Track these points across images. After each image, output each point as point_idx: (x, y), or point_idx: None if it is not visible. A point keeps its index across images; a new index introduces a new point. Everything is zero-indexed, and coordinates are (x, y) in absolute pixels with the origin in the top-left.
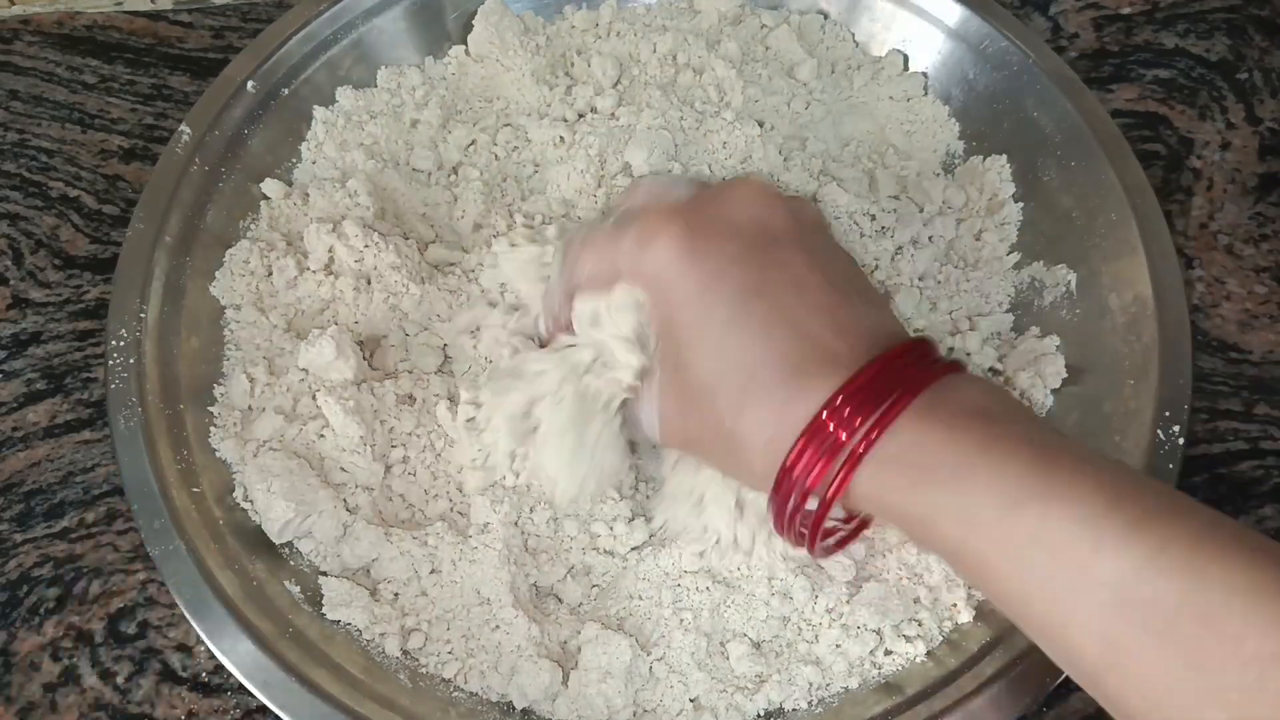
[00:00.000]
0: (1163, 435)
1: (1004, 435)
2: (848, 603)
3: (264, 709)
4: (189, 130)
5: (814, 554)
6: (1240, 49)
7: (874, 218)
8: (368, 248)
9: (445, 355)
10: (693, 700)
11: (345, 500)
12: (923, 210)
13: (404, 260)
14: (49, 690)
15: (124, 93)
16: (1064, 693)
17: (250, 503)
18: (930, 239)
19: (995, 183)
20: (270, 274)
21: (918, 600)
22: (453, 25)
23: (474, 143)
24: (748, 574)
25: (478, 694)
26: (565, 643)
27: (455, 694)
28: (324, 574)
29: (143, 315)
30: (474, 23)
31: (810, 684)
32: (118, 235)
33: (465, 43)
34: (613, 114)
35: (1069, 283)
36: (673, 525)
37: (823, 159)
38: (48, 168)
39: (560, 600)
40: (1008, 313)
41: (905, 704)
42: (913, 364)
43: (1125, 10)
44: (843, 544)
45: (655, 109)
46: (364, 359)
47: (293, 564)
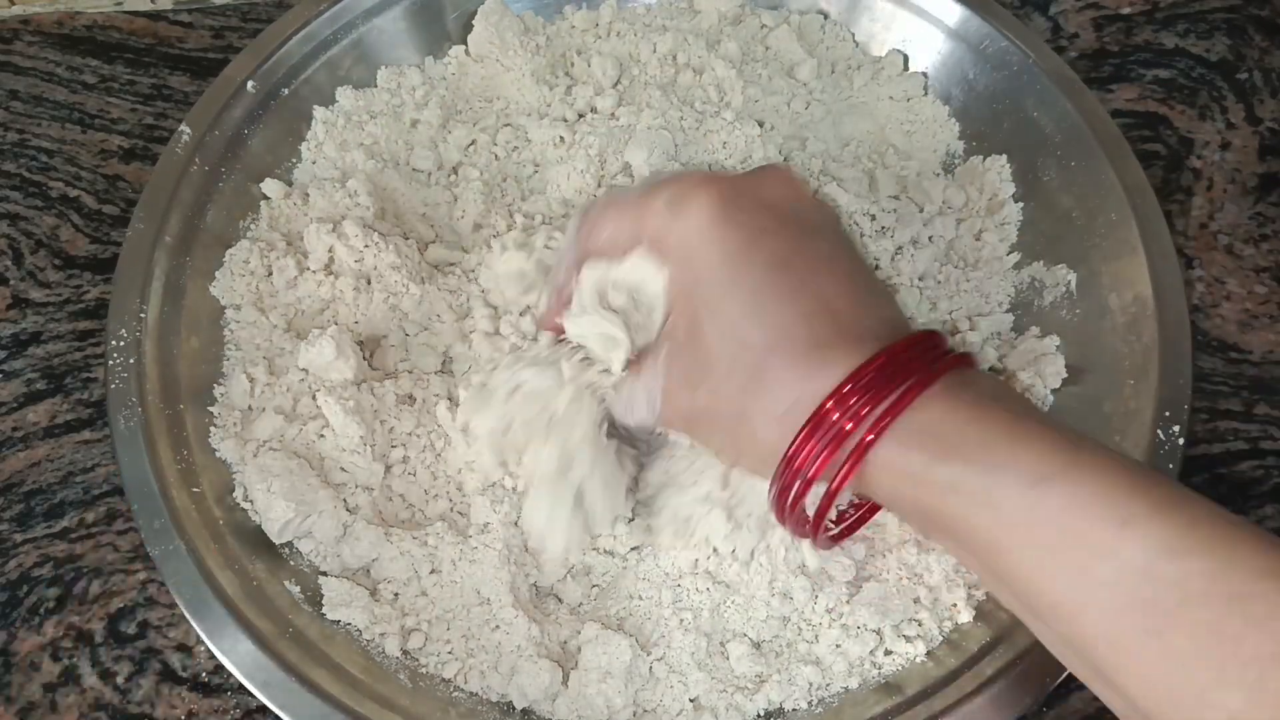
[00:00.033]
0: (1163, 435)
1: (1026, 417)
2: (848, 603)
3: (264, 709)
4: (189, 130)
5: (816, 543)
6: (1240, 49)
7: (874, 218)
8: (368, 248)
9: (445, 355)
10: (693, 700)
11: (345, 500)
12: (923, 210)
13: (404, 260)
14: (49, 690)
15: (124, 93)
16: (1064, 693)
17: (250, 503)
18: (930, 239)
19: (995, 183)
20: (270, 274)
21: (918, 600)
22: (453, 25)
23: (474, 143)
24: (748, 577)
25: (478, 694)
26: (565, 643)
27: (455, 694)
28: (324, 574)
29: (143, 315)
30: (474, 23)
31: (810, 684)
32: (118, 235)
33: (465, 43)
34: (613, 114)
35: (1069, 283)
36: (663, 541)
37: (823, 159)
38: (48, 168)
39: (560, 600)
40: (1008, 313)
41: (905, 704)
42: (926, 353)
43: (1125, 10)
44: (847, 533)
45: (655, 109)
46: (364, 359)
47: (293, 564)
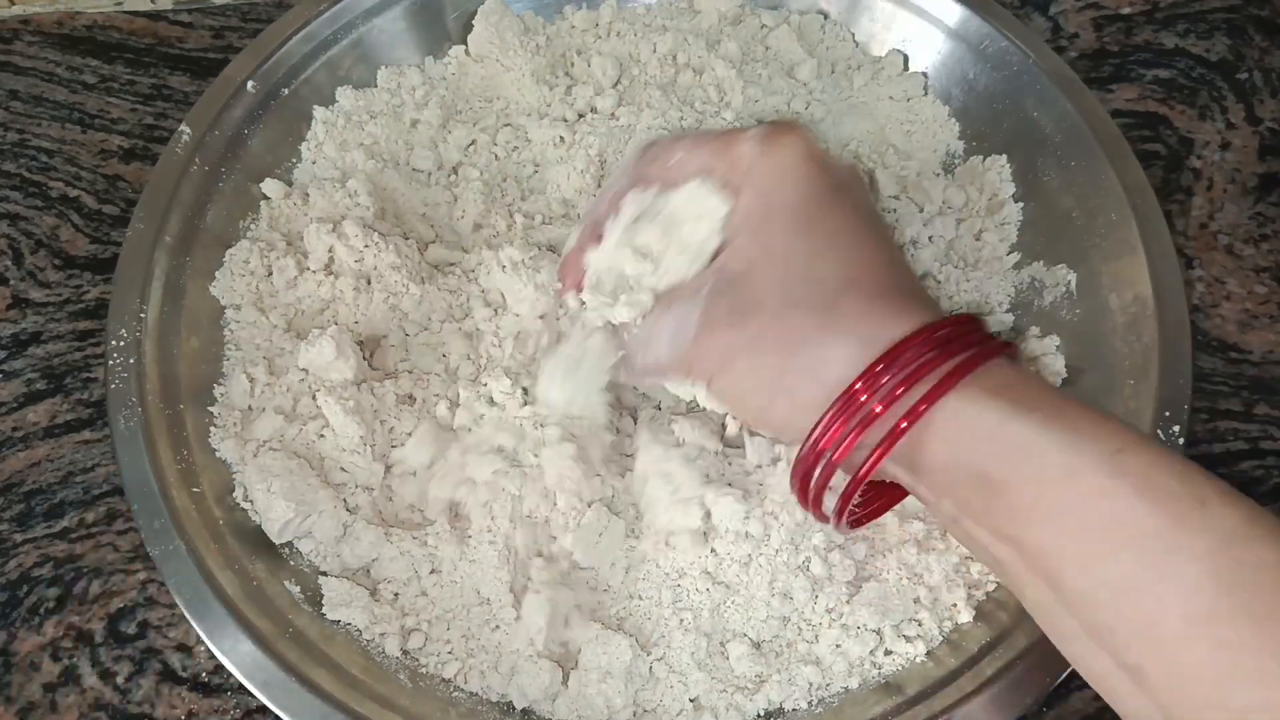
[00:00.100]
0: (1163, 435)
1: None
2: (848, 603)
3: (264, 709)
4: (189, 130)
5: (839, 526)
6: (1240, 49)
7: None
8: (368, 248)
9: (445, 355)
10: (693, 700)
11: (345, 500)
12: (923, 210)
13: (404, 260)
14: (49, 690)
15: (124, 93)
16: (1064, 693)
17: (250, 503)
18: (930, 239)
19: (995, 183)
20: (270, 274)
21: (918, 600)
22: (453, 25)
23: (474, 143)
24: (748, 577)
25: (478, 694)
26: (565, 643)
27: (455, 694)
28: (324, 574)
29: (143, 315)
30: (474, 23)
31: (810, 684)
32: (118, 235)
33: (465, 43)
34: (613, 114)
35: (1069, 283)
36: (653, 519)
37: None
38: (48, 168)
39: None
40: (1008, 313)
41: (905, 704)
42: (981, 328)
43: (1125, 10)
44: (873, 515)
45: (655, 109)
46: (364, 359)
47: (293, 564)
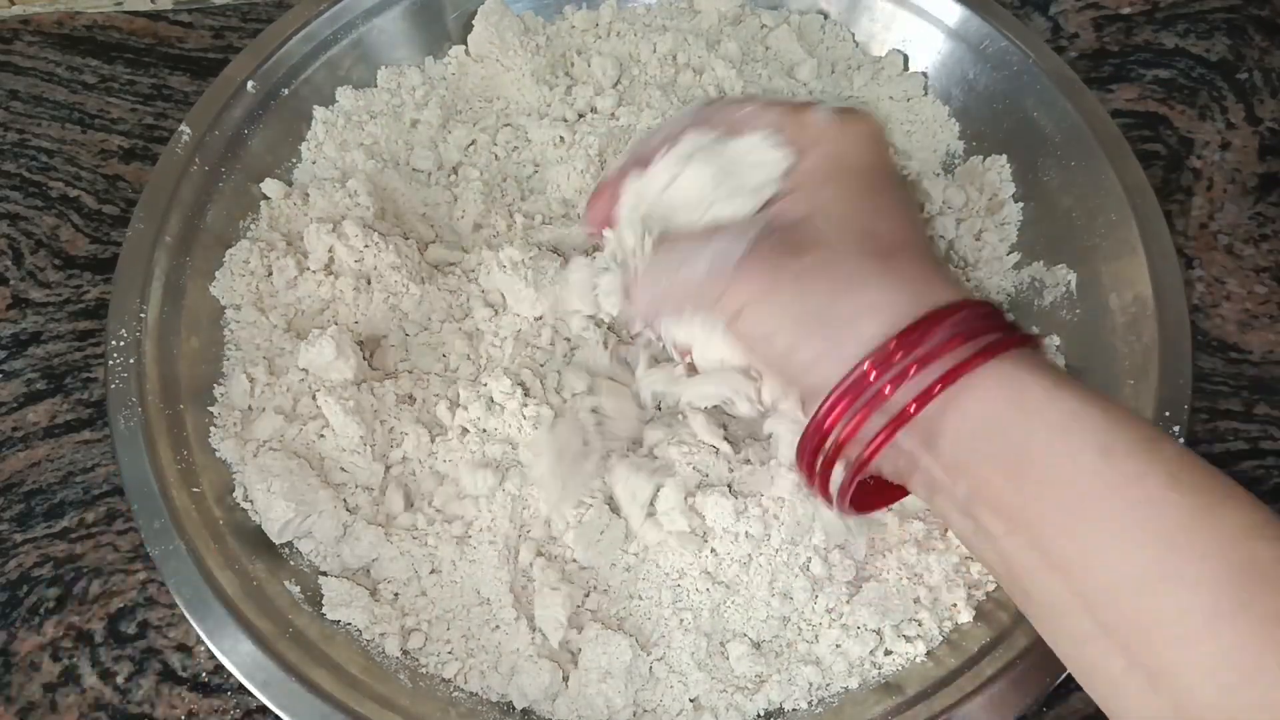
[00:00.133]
0: None
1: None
2: (848, 603)
3: (264, 709)
4: (189, 130)
5: (844, 507)
6: (1240, 49)
7: None
8: (368, 248)
9: (445, 355)
10: (693, 700)
11: (345, 500)
12: (923, 210)
13: (404, 260)
14: (49, 690)
15: (124, 93)
16: (1064, 692)
17: (250, 503)
18: (930, 239)
19: (995, 183)
20: (270, 274)
21: (918, 600)
22: (453, 25)
23: (474, 143)
24: (748, 577)
25: (478, 694)
26: (565, 643)
27: (455, 694)
28: (324, 574)
29: (143, 315)
30: (474, 23)
31: (810, 684)
32: (118, 235)
33: (465, 43)
34: (613, 114)
35: (1069, 283)
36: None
37: None
38: (48, 168)
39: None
40: (1008, 313)
41: (905, 704)
42: (998, 313)
43: (1125, 10)
44: (886, 500)
45: (655, 109)
46: (364, 359)
47: (293, 564)
